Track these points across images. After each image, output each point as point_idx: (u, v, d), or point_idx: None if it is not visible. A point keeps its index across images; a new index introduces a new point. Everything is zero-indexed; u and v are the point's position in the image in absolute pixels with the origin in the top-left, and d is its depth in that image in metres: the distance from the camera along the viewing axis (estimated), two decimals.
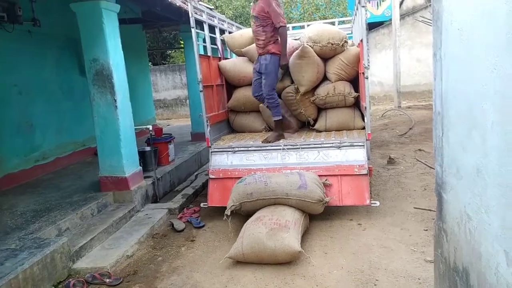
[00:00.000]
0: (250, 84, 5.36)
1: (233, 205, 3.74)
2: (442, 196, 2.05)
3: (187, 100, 15.54)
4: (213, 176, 4.43)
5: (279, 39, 4.40)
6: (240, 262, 3.24)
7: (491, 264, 1.35)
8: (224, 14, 13.04)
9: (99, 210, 4.27)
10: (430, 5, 12.41)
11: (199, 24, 5.12)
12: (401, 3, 13.25)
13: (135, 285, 3.09)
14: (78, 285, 3.07)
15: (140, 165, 4.89)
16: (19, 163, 5.29)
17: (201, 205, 4.46)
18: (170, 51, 18.59)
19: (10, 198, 4.53)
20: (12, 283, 2.70)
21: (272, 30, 4.36)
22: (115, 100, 4.38)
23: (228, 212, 3.71)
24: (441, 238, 2.09)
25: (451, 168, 1.86)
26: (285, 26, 4.37)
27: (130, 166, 4.61)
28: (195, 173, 6.45)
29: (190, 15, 4.42)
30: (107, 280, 3.13)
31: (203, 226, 4.19)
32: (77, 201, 4.25)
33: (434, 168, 2.69)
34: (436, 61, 2.01)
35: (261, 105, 5.30)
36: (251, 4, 15.24)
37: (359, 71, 4.72)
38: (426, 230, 3.55)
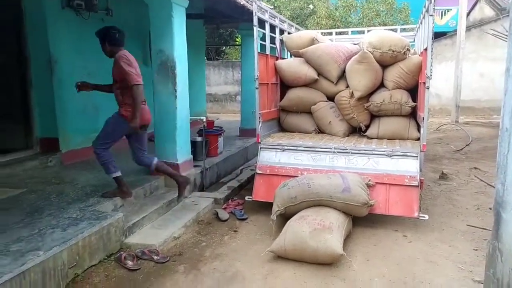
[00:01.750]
0: (304, 85, 5.42)
1: (278, 210, 3.79)
2: (500, 215, 1.99)
3: (237, 96, 15.89)
4: (260, 172, 4.52)
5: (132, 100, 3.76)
6: (281, 257, 3.30)
7: None
8: (282, 14, 13.12)
9: (151, 192, 4.51)
10: (500, 18, 11.72)
11: (260, 23, 5.24)
12: (468, 14, 12.62)
13: (180, 265, 3.25)
14: (128, 258, 3.28)
15: (191, 154, 5.11)
16: (82, 141, 5.69)
17: (246, 198, 4.58)
18: (225, 48, 19.03)
19: (72, 172, 4.91)
20: (73, 249, 2.95)
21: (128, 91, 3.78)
22: (176, 90, 4.61)
23: (273, 217, 3.78)
24: (495, 258, 2.03)
25: None
26: (139, 85, 3.74)
27: (182, 153, 4.83)
28: (241, 167, 6.59)
29: (253, 13, 4.55)
30: (155, 257, 3.33)
31: (246, 218, 4.30)
32: (132, 181, 4.51)
33: (493, 186, 2.58)
34: (509, 76, 1.95)
35: (313, 106, 5.33)
36: (309, 5, 15.05)
37: (419, 81, 4.61)
38: (476, 250, 3.41)
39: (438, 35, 13.37)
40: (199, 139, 5.58)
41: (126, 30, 6.54)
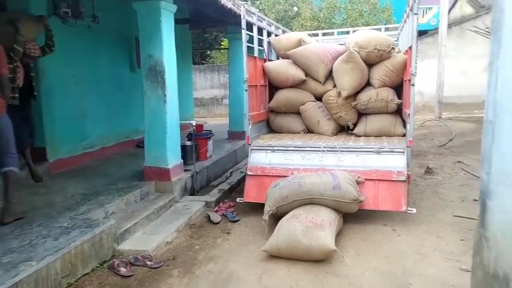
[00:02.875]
0: (292, 86, 5.48)
1: (270, 210, 3.83)
2: (486, 204, 2.06)
3: (224, 100, 15.90)
4: (250, 173, 4.56)
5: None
6: (274, 256, 3.34)
7: None
8: (266, 17, 13.20)
9: (141, 198, 4.50)
10: (480, 15, 12.02)
11: (248, 25, 5.28)
12: (448, 12, 12.90)
13: (175, 269, 3.25)
14: (122, 265, 3.26)
15: (181, 158, 5.11)
16: (70, 149, 5.65)
17: (237, 200, 4.60)
18: (210, 52, 19.04)
19: (60, 181, 4.86)
20: (66, 257, 2.93)
21: None
22: (165, 95, 4.62)
23: (265, 217, 3.81)
24: (481, 246, 2.09)
25: (500, 176, 1.87)
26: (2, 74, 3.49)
27: (173, 158, 4.83)
28: (230, 170, 6.62)
29: (242, 16, 4.59)
30: (149, 263, 3.32)
31: (238, 220, 4.33)
32: (122, 188, 4.51)
33: (478, 177, 2.67)
34: (492, 70, 2.02)
35: (301, 106, 5.39)
36: (294, 8, 15.13)
37: (405, 78, 4.71)
38: (463, 240, 3.50)
39: (420, 34, 13.62)
40: (188, 143, 5.59)
41: (113, 36, 6.61)
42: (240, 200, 4.55)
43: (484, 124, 2.13)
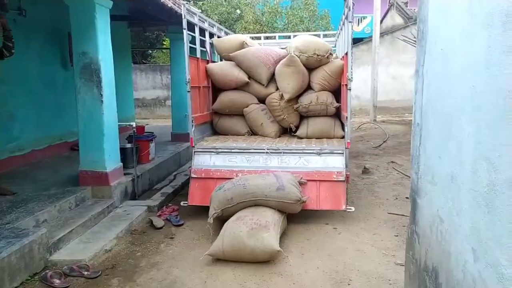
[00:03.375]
0: (236, 88, 5.49)
1: (215, 213, 3.81)
2: (416, 201, 2.22)
3: (166, 101, 15.51)
4: (195, 176, 4.49)
5: None
6: (220, 259, 3.32)
7: (459, 262, 1.50)
8: (209, 18, 13.12)
9: (77, 204, 4.23)
10: (409, 25, 12.99)
11: (190, 26, 5.20)
12: (381, 22, 13.79)
13: (114, 278, 3.10)
14: (55, 276, 3.04)
15: (120, 162, 4.89)
16: None
17: (181, 203, 4.50)
18: (152, 51, 18.47)
19: None
20: None
21: None
22: (101, 95, 4.38)
23: (210, 220, 3.78)
24: (413, 241, 2.26)
25: (427, 175, 2.02)
26: None
27: (111, 161, 4.60)
28: (174, 173, 6.46)
29: (183, 16, 4.50)
30: (86, 273, 3.13)
31: (182, 224, 4.24)
32: (54, 194, 4.20)
33: (409, 177, 2.87)
34: (418, 77, 2.19)
35: (245, 109, 5.42)
36: (237, 10, 15.16)
37: (342, 83, 4.94)
38: (397, 236, 3.75)
39: (356, 41, 14.41)
40: (128, 145, 5.37)
41: (42, 31, 6.14)
42: (184, 203, 4.46)
43: (412, 127, 2.30)
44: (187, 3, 7.73)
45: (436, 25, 1.88)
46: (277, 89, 5.33)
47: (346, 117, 4.45)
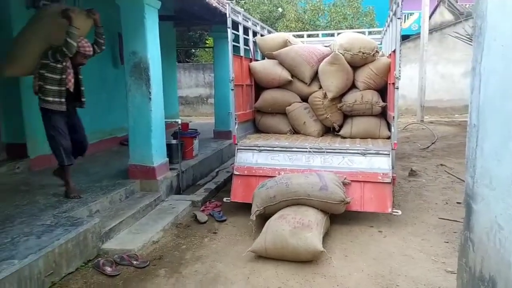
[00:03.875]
0: (278, 87, 5.50)
1: (257, 210, 3.83)
2: (471, 207, 2.11)
3: (209, 99, 15.81)
4: (237, 173, 4.54)
5: None
6: (262, 256, 3.33)
7: None
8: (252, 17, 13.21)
9: (126, 196, 4.43)
10: (460, 22, 12.35)
11: (234, 24, 5.27)
12: (429, 18, 13.22)
13: (161, 269, 3.21)
14: (107, 264, 3.20)
15: (166, 157, 5.05)
16: None
17: (224, 199, 4.58)
18: (194, 50, 18.90)
19: (42, 178, 4.73)
20: (49, 256, 2.85)
21: None
22: (150, 92, 4.55)
23: (253, 217, 3.80)
24: (467, 248, 2.14)
25: (484, 179, 1.92)
26: None
27: (158, 156, 4.77)
28: (217, 170, 6.58)
29: (227, 15, 4.57)
30: (135, 262, 3.27)
31: (225, 220, 4.31)
32: (106, 186, 4.42)
33: (463, 180, 2.74)
34: (475, 75, 2.08)
35: (288, 107, 5.41)
36: (278, 9, 15.13)
37: (389, 82, 4.79)
38: (447, 242, 3.59)
39: (402, 38, 13.90)
40: (174, 141, 5.53)
41: (94, 31, 6.45)
42: (227, 200, 4.53)
43: (468, 128, 2.19)
44: (231, 2, 7.85)
45: (496, 20, 1.77)
46: (320, 87, 5.27)
47: (393, 116, 4.31)
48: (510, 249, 1.54)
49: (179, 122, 5.46)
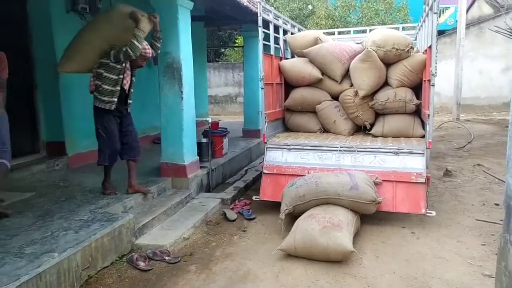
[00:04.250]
0: (308, 85, 5.46)
1: (286, 209, 3.82)
2: (511, 208, 2.02)
3: (237, 98, 15.93)
4: (267, 171, 4.55)
5: None
6: (291, 255, 3.33)
7: None
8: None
9: (158, 193, 4.54)
10: (501, 15, 11.77)
11: (264, 23, 5.27)
12: (466, 12, 12.69)
13: (192, 265, 3.28)
14: (140, 259, 3.30)
15: (197, 155, 5.14)
16: (88, 144, 5.68)
17: (253, 198, 4.61)
18: (224, 49, 19.08)
19: (79, 175, 4.93)
20: (86, 250, 2.97)
21: None
22: (182, 92, 4.64)
23: (282, 216, 3.79)
24: (506, 251, 2.05)
25: None
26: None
27: (189, 155, 4.86)
28: (245, 168, 6.63)
29: (259, 14, 4.59)
30: (167, 258, 3.35)
31: (254, 218, 4.33)
32: (139, 183, 4.53)
33: (502, 181, 2.61)
34: None
35: (317, 106, 5.36)
36: (308, 6, 14.98)
37: (424, 79, 4.65)
38: (484, 244, 3.44)
39: (438, 33, 13.47)
40: (204, 140, 5.62)
41: None
42: (256, 198, 4.56)
43: (509, 126, 2.09)
44: (262, 1, 7.86)
45: None
46: (352, 85, 5.19)
47: (428, 115, 4.18)
48: None
49: (209, 121, 5.54)
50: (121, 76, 3.84)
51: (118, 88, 3.86)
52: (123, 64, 3.82)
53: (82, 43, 3.88)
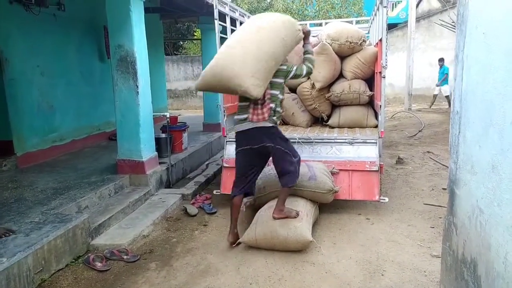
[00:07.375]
0: None
1: (247, 201, 3.85)
2: (454, 192, 2.16)
3: (197, 92, 15.73)
4: (227, 165, 4.55)
5: None
6: (252, 247, 3.37)
7: (500, 254, 1.46)
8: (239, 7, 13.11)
9: (116, 191, 4.42)
10: (446, 9, 12.42)
11: (221, 16, 5.22)
12: (417, 6, 13.27)
13: (152, 262, 3.23)
14: (97, 259, 3.21)
15: (155, 151, 5.04)
16: (38, 142, 5.45)
17: (214, 192, 4.59)
18: (183, 42, 18.72)
19: (29, 175, 4.70)
20: (38, 253, 2.85)
21: None
22: (137, 86, 4.52)
23: (243, 208, 3.82)
24: (450, 232, 2.20)
25: (466, 165, 1.96)
26: None
27: (147, 151, 4.76)
28: (206, 163, 6.59)
29: (214, 6, 4.53)
30: (125, 257, 3.28)
31: (215, 212, 4.33)
32: (95, 182, 4.40)
33: (447, 167, 2.79)
34: (458, 62, 2.11)
35: None
36: None
37: (375, 71, 4.81)
38: (433, 227, 3.66)
39: (390, 27, 13.96)
40: (163, 135, 5.52)
41: (80, 25, 6.38)
42: (217, 192, 4.55)
43: (451, 114, 2.22)
44: None
45: (478, 8, 1.79)
46: (309, 78, 5.26)
47: (380, 105, 4.35)
48: (490, 232, 1.58)
49: (168, 116, 5.44)
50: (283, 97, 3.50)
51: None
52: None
53: (265, 56, 3.13)
